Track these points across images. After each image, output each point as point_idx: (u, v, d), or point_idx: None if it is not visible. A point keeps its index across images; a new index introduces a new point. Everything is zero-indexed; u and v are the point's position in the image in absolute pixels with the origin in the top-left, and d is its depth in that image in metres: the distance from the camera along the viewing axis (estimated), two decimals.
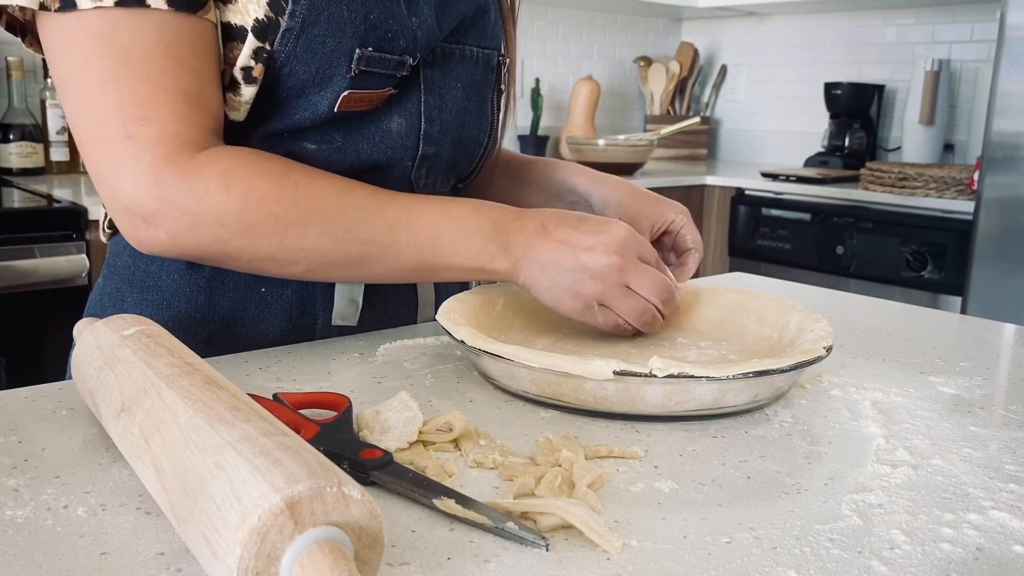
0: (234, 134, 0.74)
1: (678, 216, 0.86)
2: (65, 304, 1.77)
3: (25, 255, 1.73)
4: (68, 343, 0.64)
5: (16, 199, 1.94)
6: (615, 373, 0.59)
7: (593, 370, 0.59)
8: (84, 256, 1.79)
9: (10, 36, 0.76)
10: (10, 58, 2.23)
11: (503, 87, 0.88)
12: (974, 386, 0.72)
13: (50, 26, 0.66)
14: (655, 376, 0.58)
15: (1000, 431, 0.63)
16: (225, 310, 0.78)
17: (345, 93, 0.72)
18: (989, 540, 0.47)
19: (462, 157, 0.86)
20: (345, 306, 0.81)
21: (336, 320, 0.81)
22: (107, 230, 0.84)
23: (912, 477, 0.54)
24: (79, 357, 0.58)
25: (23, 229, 1.73)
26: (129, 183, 0.66)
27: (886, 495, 0.51)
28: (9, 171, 2.20)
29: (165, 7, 0.65)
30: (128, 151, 0.66)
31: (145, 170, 0.66)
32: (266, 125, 0.74)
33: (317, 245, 0.69)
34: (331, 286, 0.80)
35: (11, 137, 2.20)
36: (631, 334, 0.75)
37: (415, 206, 0.71)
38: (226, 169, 0.67)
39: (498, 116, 0.88)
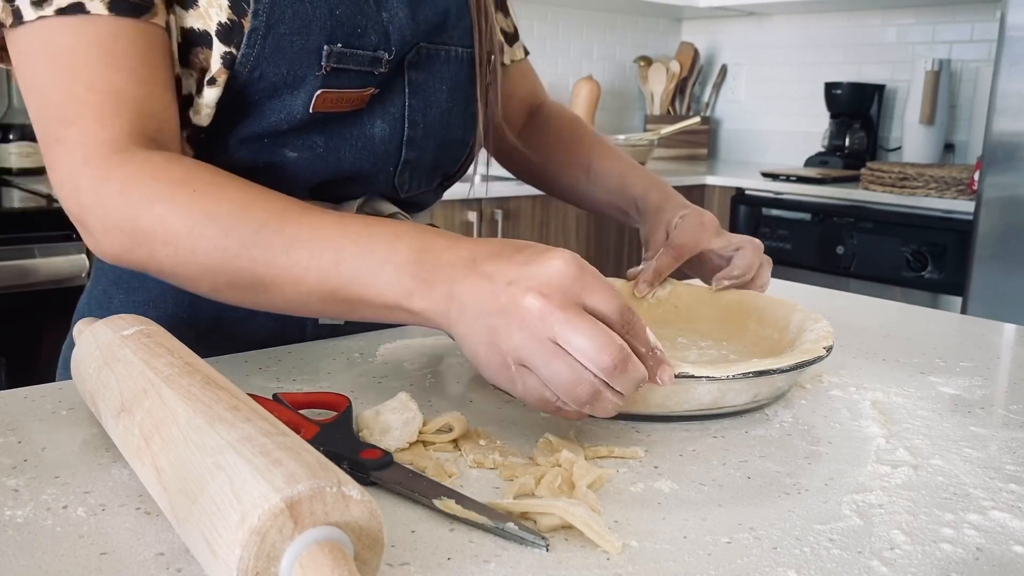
0: (211, 140, 0.73)
1: (736, 251, 0.84)
2: (65, 304, 1.76)
3: (25, 255, 1.73)
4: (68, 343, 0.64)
5: (16, 199, 1.94)
6: None
7: None
8: (84, 256, 1.79)
9: None
10: None
11: (489, 84, 0.87)
12: (974, 386, 0.72)
13: (11, 41, 0.67)
14: None
15: (1000, 431, 0.62)
16: (211, 310, 0.77)
17: (319, 92, 0.71)
18: (989, 540, 0.47)
19: (446, 158, 0.85)
20: None
21: (323, 319, 0.80)
22: None
23: (912, 477, 0.54)
24: (79, 357, 0.58)
25: (23, 229, 1.73)
26: (59, 188, 0.66)
27: (886, 495, 0.51)
28: (9, 171, 2.20)
29: (105, 12, 0.64)
30: (57, 155, 0.65)
31: (68, 176, 0.64)
32: (242, 130, 0.72)
33: (210, 260, 0.60)
34: None
35: (11, 137, 2.20)
36: (574, 418, 0.55)
37: (324, 225, 0.59)
38: (130, 174, 0.62)
39: (484, 113, 0.88)
